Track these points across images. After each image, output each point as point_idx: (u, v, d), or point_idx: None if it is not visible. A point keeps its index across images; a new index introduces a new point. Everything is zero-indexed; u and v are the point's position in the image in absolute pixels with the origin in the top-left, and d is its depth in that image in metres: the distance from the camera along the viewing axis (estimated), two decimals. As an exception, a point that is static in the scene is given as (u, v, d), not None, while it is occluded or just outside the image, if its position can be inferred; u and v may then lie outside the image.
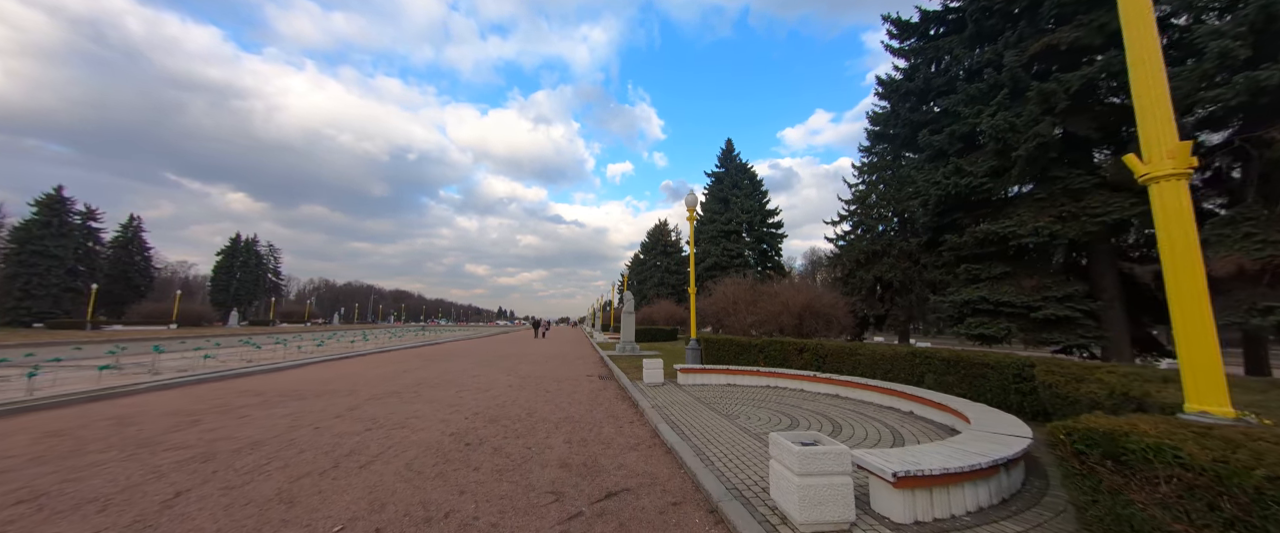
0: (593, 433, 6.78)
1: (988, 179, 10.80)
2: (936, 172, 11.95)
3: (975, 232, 11.12)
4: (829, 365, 11.09)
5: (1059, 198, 10.10)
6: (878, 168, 27.98)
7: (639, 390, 10.25)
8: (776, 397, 9.50)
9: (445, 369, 14.56)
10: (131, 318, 58.00)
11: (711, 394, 9.80)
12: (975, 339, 11.18)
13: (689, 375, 11.35)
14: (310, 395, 9.30)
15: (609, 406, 8.98)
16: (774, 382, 10.86)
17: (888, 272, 24.43)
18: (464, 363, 16.83)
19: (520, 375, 13.33)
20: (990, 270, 11.05)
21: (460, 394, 9.91)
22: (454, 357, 19.49)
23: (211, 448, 5.58)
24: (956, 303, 11.42)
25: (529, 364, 16.60)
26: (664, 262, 58.45)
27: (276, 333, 48.26)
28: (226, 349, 21.61)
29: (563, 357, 20.17)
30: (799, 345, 11.89)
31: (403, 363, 16.48)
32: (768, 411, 8.06)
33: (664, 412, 8.00)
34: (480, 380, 12.12)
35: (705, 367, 11.46)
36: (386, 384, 11.12)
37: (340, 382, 11.31)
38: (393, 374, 13.09)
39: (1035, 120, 9.84)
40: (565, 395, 10.05)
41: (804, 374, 10.44)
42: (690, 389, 10.47)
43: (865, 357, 10.49)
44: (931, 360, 9.17)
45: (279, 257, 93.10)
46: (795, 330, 22.19)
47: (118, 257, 64.95)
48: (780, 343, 12.12)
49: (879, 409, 8.25)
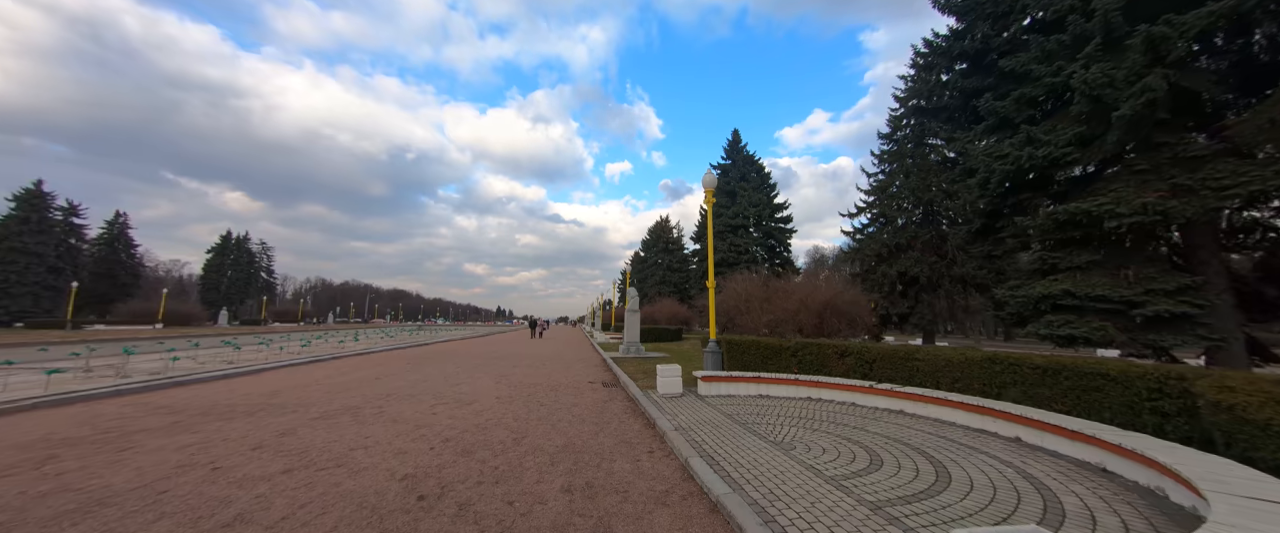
0: (601, 472, 4.92)
1: (1072, 149, 8.95)
2: (1000, 144, 10.13)
3: (1055, 214, 9.24)
4: (878, 372, 9.23)
5: (1168, 168, 8.25)
6: (899, 156, 26.15)
7: (654, 404, 8.38)
8: (826, 413, 7.63)
9: (426, 375, 12.68)
10: (118, 317, 55.94)
11: (744, 409, 7.93)
12: (1056, 342, 9.37)
13: (712, 385, 9.49)
14: (241, 414, 7.42)
15: (619, 426, 7.12)
16: (815, 393, 9.00)
17: (913, 267, 22.59)
18: (450, 366, 14.96)
19: (512, 383, 11.46)
20: (1073, 259, 9.19)
21: (434, 410, 8.03)
22: (442, 359, 17.62)
23: (19, 515, 3.70)
24: (1029, 299, 9.58)
25: (524, 368, 14.74)
26: (665, 259, 56.62)
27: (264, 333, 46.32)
28: (206, 350, 19.92)
29: (561, 359, 18.31)
30: (839, 348, 10.03)
31: (383, 367, 14.60)
32: (826, 436, 6.19)
33: (692, 436, 6.13)
34: (463, 390, 10.25)
35: (731, 374, 9.60)
36: (349, 395, 9.24)
37: (294, 393, 9.43)
38: (363, 381, 11.21)
39: (1138, 74, 8.01)
40: (564, 410, 8.18)
41: (853, 384, 8.57)
42: (716, 402, 8.60)
43: (924, 362, 8.63)
44: (1018, 368, 7.31)
45: (272, 255, 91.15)
46: (816, 330, 20.31)
47: (102, 254, 62.98)
48: (817, 345, 10.26)
49: (972, 435, 6.38)
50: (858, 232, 27.43)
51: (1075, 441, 5.26)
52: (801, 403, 8.57)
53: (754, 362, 10.89)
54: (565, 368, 15.19)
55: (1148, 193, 8.06)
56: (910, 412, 7.64)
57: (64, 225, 56.47)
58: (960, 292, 21.19)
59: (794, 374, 9.53)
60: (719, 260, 37.78)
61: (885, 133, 27.22)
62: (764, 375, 9.44)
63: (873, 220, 27.05)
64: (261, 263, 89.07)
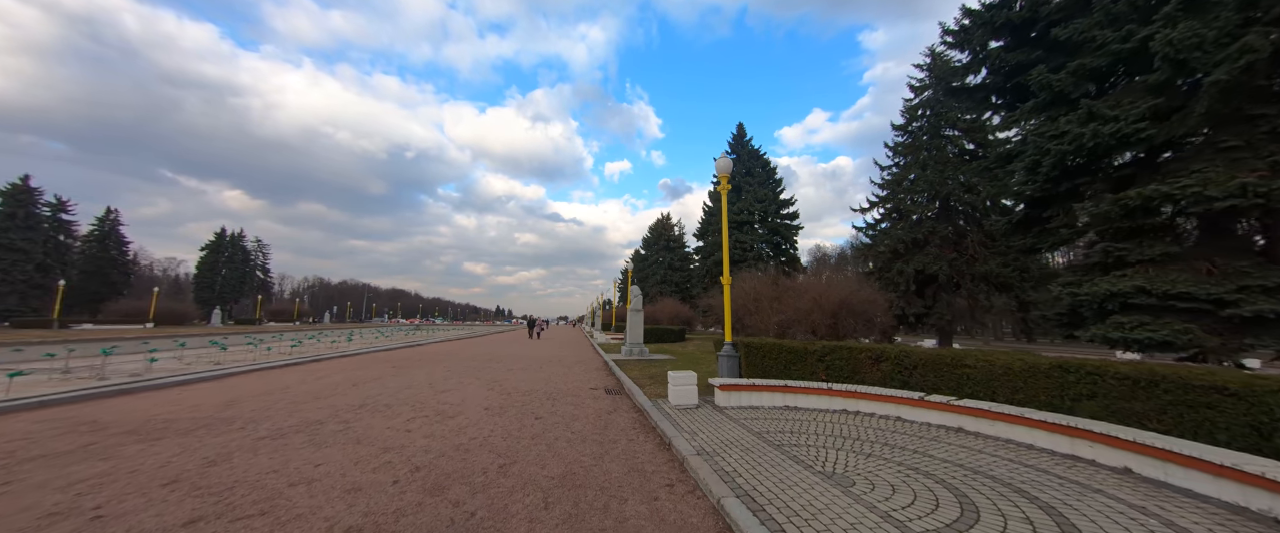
0: (610, 520, 3.76)
1: (1145, 124, 7.77)
2: (1054, 123, 8.94)
3: (1124, 200, 8.04)
4: (919, 380, 8.06)
5: (1265, 144, 7.10)
6: (914, 148, 24.97)
7: (666, 417, 7.22)
8: (872, 431, 6.46)
9: (411, 380, 11.51)
10: (108, 316, 54.74)
11: (774, 425, 6.76)
12: (1128, 345, 8.19)
13: (731, 394, 8.31)
14: (176, 432, 6.25)
15: (628, 447, 5.95)
16: (852, 404, 7.83)
17: (932, 264, 21.42)
18: (439, 370, 13.78)
19: (505, 390, 10.29)
20: (1144, 251, 8.01)
21: (410, 425, 6.85)
22: (431, 361, 16.45)
23: None
24: (1094, 296, 8.39)
25: (519, 372, 13.57)
26: (667, 257, 55.46)
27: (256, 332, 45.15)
28: (193, 350, 18.81)
29: (560, 361, 17.15)
30: (873, 352, 8.85)
31: (366, 370, 13.43)
32: (886, 464, 5.02)
33: (719, 464, 4.96)
34: (449, 399, 9.08)
35: (753, 382, 8.42)
36: (315, 406, 8.07)
37: (253, 403, 8.26)
38: (338, 388, 10.04)
39: (1232, 34, 6.86)
40: (562, 425, 7.02)
41: (898, 395, 7.40)
42: (738, 415, 7.43)
43: (976, 369, 7.46)
44: (1099, 378, 6.16)
45: (267, 252, 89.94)
46: (830, 331, 19.18)
47: (93, 251, 61.77)
48: (848, 349, 9.09)
49: (1064, 463, 5.21)
50: (870, 228, 26.27)
51: (1219, 477, 4.09)
52: (837, 417, 7.40)
53: (775, 367, 9.71)
54: (564, 371, 14.03)
55: (1243, 173, 6.91)
56: (971, 430, 6.47)
57: (52, 222, 55.27)
58: (983, 291, 20.02)
59: (825, 383, 8.36)
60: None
61: (899, 124, 26.05)
62: (791, 384, 8.27)
63: (886, 216, 25.89)
64: (257, 261, 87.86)
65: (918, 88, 25.54)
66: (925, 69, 25.36)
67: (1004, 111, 11.56)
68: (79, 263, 60.77)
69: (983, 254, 20.40)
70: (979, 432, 6.38)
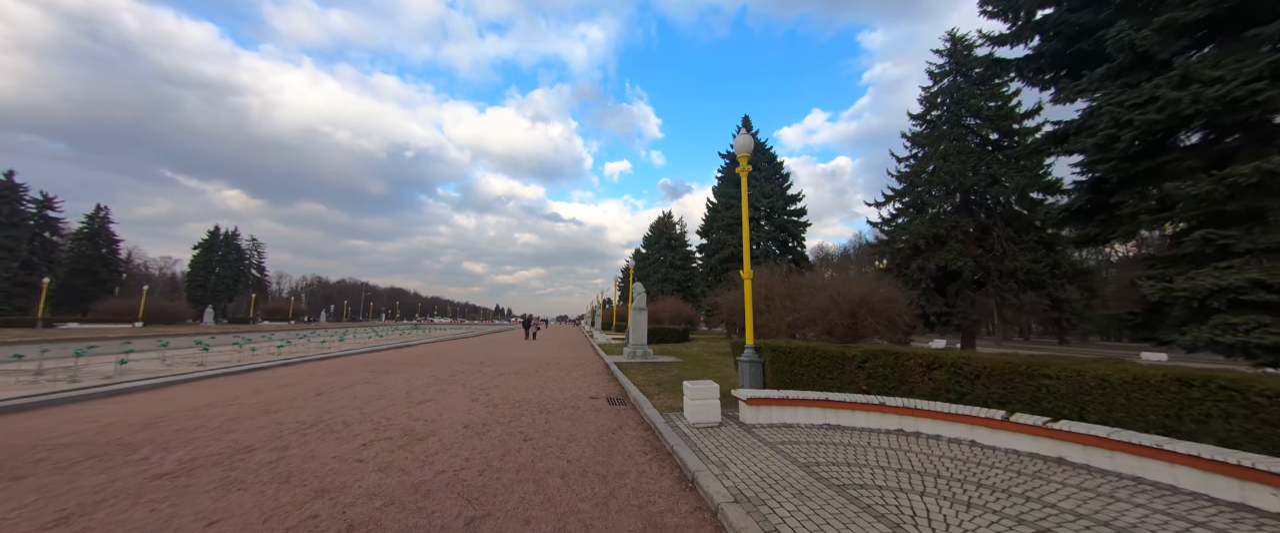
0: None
1: (1264, 85, 6.39)
2: (1134, 89, 7.60)
3: (1232, 177, 6.65)
4: (983, 392, 6.67)
5: None
6: (933, 138, 23.58)
7: (684, 440, 5.83)
8: (953, 464, 5.07)
9: (385, 389, 10.13)
10: (97, 315, 53.35)
11: (823, 454, 5.37)
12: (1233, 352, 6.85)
13: (759, 409, 6.92)
14: (55, 465, 4.87)
15: (639, 485, 4.57)
16: (911, 424, 6.44)
17: (955, 260, 20.04)
18: (423, 375, 12.40)
19: (492, 401, 8.91)
20: (1256, 238, 6.66)
21: (362, 453, 5.47)
22: (417, 364, 15.07)
23: None
24: (1193, 292, 7.04)
25: (511, 377, 12.19)
26: (668, 256, 54.11)
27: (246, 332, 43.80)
28: (176, 351, 17.59)
29: (557, 364, 15.76)
30: (925, 358, 7.46)
31: (341, 376, 12.05)
32: (1006, 524, 3.63)
33: (770, 521, 3.58)
34: (423, 414, 7.69)
35: (786, 395, 7.02)
36: (255, 425, 6.69)
37: (182, 420, 6.87)
38: (297, 399, 8.66)
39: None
40: (555, 452, 5.64)
41: (971, 415, 6.01)
42: (772, 438, 6.05)
43: (1060, 382, 6.06)
44: (1239, 395, 4.82)
45: (263, 251, 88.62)
46: (849, 332, 17.80)
47: (81, 249, 60.39)
48: (895, 355, 7.70)
49: (1236, 517, 3.81)
50: (886, 222, 24.87)
51: None
52: (896, 441, 6.01)
53: (807, 376, 8.31)
54: (562, 376, 12.65)
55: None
56: (1077, 462, 5.08)
57: (38, 219, 53.85)
58: (1011, 288, 18.64)
59: (876, 396, 6.97)
60: (728, 255, 35.24)
61: (917, 112, 24.66)
62: (833, 398, 6.89)
63: (903, 210, 24.49)
64: (252, 260, 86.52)
65: (937, 73, 24.16)
66: (945, 54, 23.99)
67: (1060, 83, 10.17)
68: (67, 261, 59.40)
69: (1011, 249, 19.02)
70: (1088, 465, 5.00)
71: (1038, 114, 20.20)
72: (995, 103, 21.72)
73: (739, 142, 9.59)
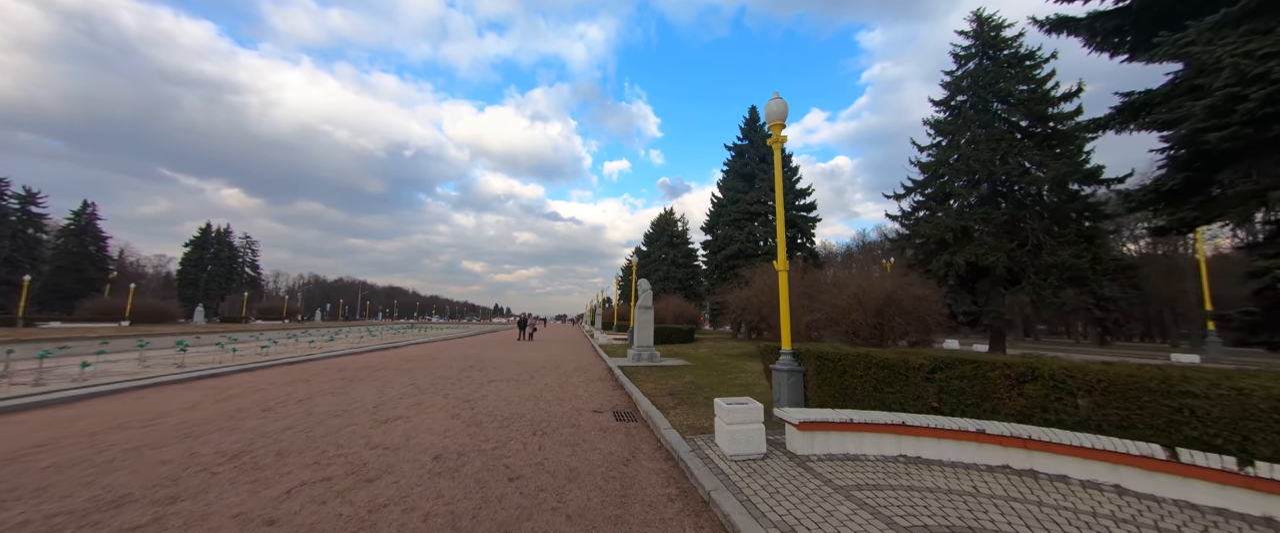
0: None
1: None
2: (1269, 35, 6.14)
3: None
4: (1092, 412, 5.14)
5: None
6: (957, 125, 22.00)
7: (723, 481, 4.30)
8: (1116, 526, 3.54)
9: (351, 401, 8.61)
10: (83, 314, 51.77)
11: (927, 509, 3.84)
12: None
13: (814, 436, 5.38)
14: None
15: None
16: (1020, 458, 4.90)
17: (987, 255, 18.48)
18: (400, 383, 10.87)
19: (475, 417, 7.38)
20: None
21: (278, 509, 3.94)
22: (398, 369, 13.53)
23: None
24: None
25: (502, 385, 10.66)
26: (670, 254, 52.66)
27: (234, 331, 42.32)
28: (155, 351, 16.34)
29: (556, 369, 14.23)
30: (1013, 368, 5.91)
31: (304, 385, 10.53)
32: None
33: None
34: (386, 438, 6.17)
35: (848, 417, 5.48)
36: (149, 461, 5.17)
37: (58, 451, 5.35)
38: (232, 417, 7.14)
39: None
40: (549, 501, 4.12)
41: (1113, 451, 4.48)
42: (840, 478, 4.52)
43: (1210, 401, 4.54)
44: None
45: (257, 249, 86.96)
46: (875, 332, 16.25)
47: (67, 246, 58.77)
48: (974, 365, 6.14)
49: None
50: (906, 215, 23.31)
51: None
52: (1006, 482, 4.48)
53: (862, 390, 6.78)
54: (560, 383, 11.11)
55: None
56: (1297, 523, 3.55)
57: (21, 215, 52.21)
58: (1052, 284, 17.08)
59: (969, 421, 5.44)
60: (736, 252, 33.70)
61: (939, 98, 23.08)
62: (910, 422, 5.35)
63: (924, 203, 22.92)
64: (245, 258, 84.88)
65: (962, 56, 22.59)
66: (971, 35, 22.42)
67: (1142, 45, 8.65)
68: (53, 258, 57.80)
69: (1049, 242, 17.48)
70: (1318, 529, 3.47)
71: (1077, 97, 18.66)
72: (1027, 86, 20.17)
73: (771, 107, 8.05)
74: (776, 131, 8.06)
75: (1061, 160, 17.83)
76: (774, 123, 8.05)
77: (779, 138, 8.06)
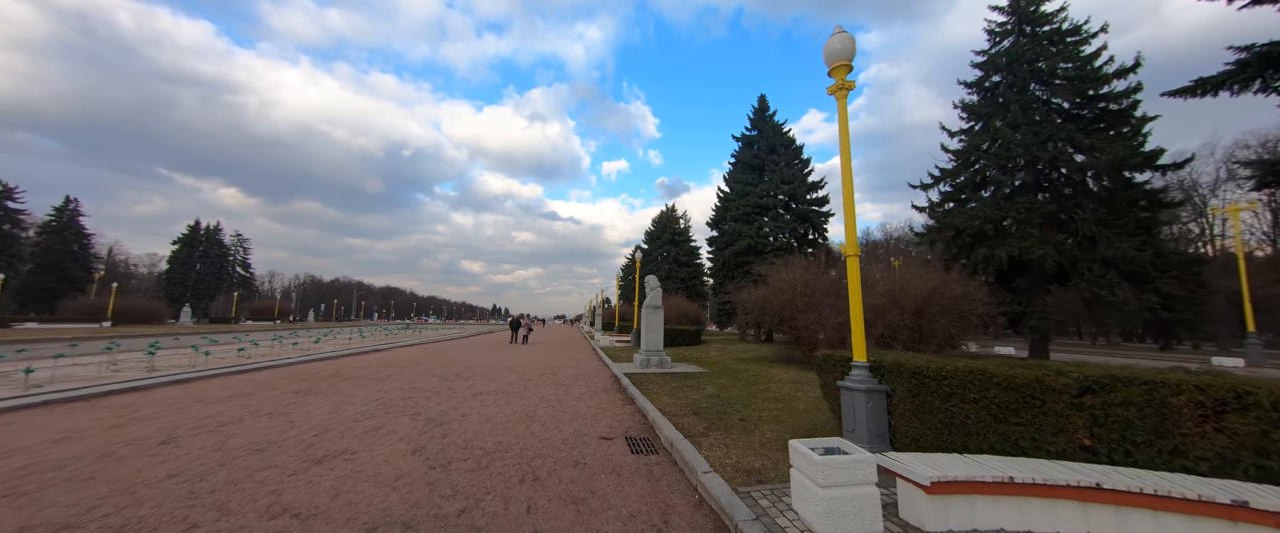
0: None
1: None
2: None
3: None
4: None
5: None
6: (991, 109, 20.15)
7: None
8: None
9: (290, 426, 6.75)
10: (65, 313, 49.90)
11: None
12: None
13: (950, 502, 3.51)
14: None
15: None
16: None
17: (1033, 248, 16.62)
18: (365, 398, 8.99)
19: (444, 451, 5.52)
20: None
21: None
22: (373, 378, 11.65)
23: None
24: None
25: (489, 398, 8.78)
26: (672, 252, 50.89)
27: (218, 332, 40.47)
28: (126, 354, 14.90)
29: (553, 376, 12.34)
30: (1208, 392, 4.04)
31: (248, 397, 8.67)
32: None
33: None
34: (307, 495, 4.32)
35: (1008, 476, 3.61)
36: None
37: None
38: (112, 454, 5.30)
39: None
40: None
41: None
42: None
43: None
44: None
45: (248, 248, 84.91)
46: (914, 334, 14.43)
47: (48, 244, 56.73)
48: (1145, 387, 4.28)
49: None
50: (935, 206, 21.46)
51: None
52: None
53: (976, 419, 4.91)
54: (558, 396, 9.23)
55: None
56: None
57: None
58: (1109, 281, 15.22)
59: (1188, 480, 3.60)
60: (744, 248, 31.81)
61: (971, 80, 21.24)
62: (1107, 487, 3.48)
63: (954, 193, 21.05)
64: (236, 256, 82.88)
65: (997, 32, 20.75)
66: (1007, 10, 20.58)
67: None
68: (33, 256, 55.75)
69: (1105, 235, 15.62)
70: None
71: (1134, 72, 16.82)
72: (1072, 64, 18.34)
73: (832, 44, 6.22)
74: (841, 76, 6.19)
75: (1117, 143, 16.00)
76: (837, 66, 6.19)
77: (843, 84, 6.19)
